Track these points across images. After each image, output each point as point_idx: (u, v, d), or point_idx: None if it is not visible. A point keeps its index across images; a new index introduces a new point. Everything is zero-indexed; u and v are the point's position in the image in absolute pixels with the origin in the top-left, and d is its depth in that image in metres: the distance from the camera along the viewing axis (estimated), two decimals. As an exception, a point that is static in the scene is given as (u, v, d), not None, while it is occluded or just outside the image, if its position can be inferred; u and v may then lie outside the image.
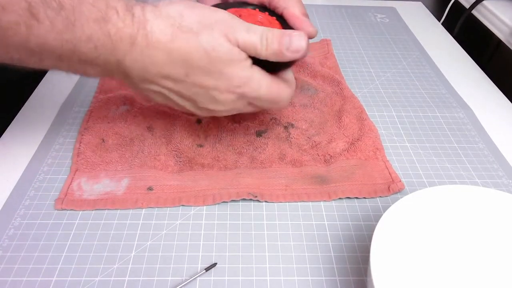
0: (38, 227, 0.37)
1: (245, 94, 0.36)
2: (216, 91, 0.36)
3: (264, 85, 0.36)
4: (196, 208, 0.39)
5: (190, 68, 0.34)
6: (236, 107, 0.38)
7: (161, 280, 0.33)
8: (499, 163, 0.46)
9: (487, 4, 0.69)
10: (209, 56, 0.34)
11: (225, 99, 0.36)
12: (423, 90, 0.57)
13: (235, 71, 0.35)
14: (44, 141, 0.45)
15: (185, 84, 0.35)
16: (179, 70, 0.34)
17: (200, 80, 0.35)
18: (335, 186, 0.41)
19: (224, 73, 0.35)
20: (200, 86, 0.35)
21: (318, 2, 0.81)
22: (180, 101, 0.37)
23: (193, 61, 0.34)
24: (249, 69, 0.36)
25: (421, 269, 0.32)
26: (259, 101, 0.37)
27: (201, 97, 0.36)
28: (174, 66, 0.34)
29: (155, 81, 0.35)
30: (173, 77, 0.35)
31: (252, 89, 0.36)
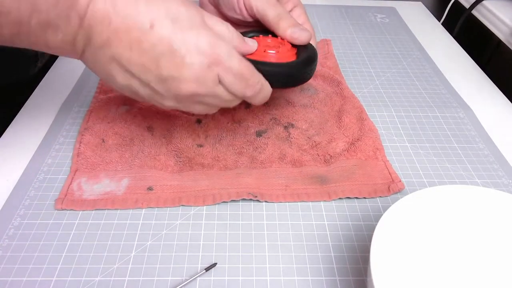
0: (38, 227, 0.37)
1: (216, 58, 0.33)
2: (184, 49, 0.32)
3: (235, 56, 0.34)
4: (196, 208, 0.39)
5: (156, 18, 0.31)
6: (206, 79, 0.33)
7: (161, 280, 0.33)
8: (499, 163, 0.46)
9: (487, 4, 0.69)
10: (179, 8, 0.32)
11: (193, 62, 0.32)
12: (423, 90, 0.57)
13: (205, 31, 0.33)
14: (44, 141, 0.45)
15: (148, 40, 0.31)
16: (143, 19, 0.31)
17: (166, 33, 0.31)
18: (335, 186, 0.41)
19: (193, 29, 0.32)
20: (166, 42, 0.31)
21: (318, 2, 0.81)
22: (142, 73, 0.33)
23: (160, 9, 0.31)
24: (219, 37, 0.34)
25: (421, 269, 0.32)
26: (229, 73, 0.34)
27: (166, 59, 0.32)
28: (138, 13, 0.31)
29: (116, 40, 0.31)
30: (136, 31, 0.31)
31: (223, 54, 0.33)
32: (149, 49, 0.32)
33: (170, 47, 0.32)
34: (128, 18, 0.31)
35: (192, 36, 0.32)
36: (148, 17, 0.31)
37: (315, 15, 0.75)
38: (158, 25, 0.31)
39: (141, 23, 0.31)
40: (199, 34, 0.32)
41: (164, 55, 0.32)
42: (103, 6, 0.30)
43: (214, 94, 0.35)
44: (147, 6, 0.31)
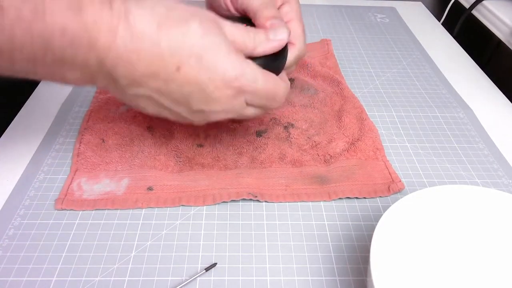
0: (38, 227, 0.37)
1: (242, 87, 0.33)
2: (211, 86, 0.32)
3: (260, 77, 0.34)
4: (196, 208, 0.39)
5: (181, 59, 0.31)
6: (234, 107, 0.35)
7: (161, 280, 0.33)
8: (499, 163, 0.46)
9: (487, 4, 0.69)
10: (202, 40, 0.31)
11: (221, 96, 0.33)
12: (423, 90, 0.57)
13: (230, 59, 0.33)
14: (44, 141, 0.45)
15: (176, 82, 0.32)
16: (169, 65, 0.31)
17: (192, 74, 0.32)
18: (335, 186, 0.41)
19: (219, 62, 0.32)
20: (194, 81, 0.32)
21: (318, 2, 0.81)
22: (173, 105, 0.34)
23: (184, 50, 0.31)
24: (243, 59, 0.34)
25: (421, 269, 0.32)
26: (256, 96, 0.35)
27: (195, 96, 0.33)
28: (163, 60, 0.31)
29: (143, 83, 0.32)
30: (163, 75, 0.31)
31: (248, 81, 0.33)
32: (178, 88, 0.32)
33: (198, 86, 0.32)
34: (154, 64, 0.31)
35: (218, 71, 0.32)
36: (173, 61, 0.31)
37: (315, 15, 0.75)
38: (184, 67, 0.31)
39: (167, 67, 0.31)
40: (225, 67, 0.32)
41: (193, 93, 0.33)
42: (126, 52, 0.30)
43: (242, 114, 0.36)
44: (170, 49, 0.30)
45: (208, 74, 0.32)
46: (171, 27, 0.31)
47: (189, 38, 0.31)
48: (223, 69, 0.32)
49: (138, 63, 0.30)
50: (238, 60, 0.33)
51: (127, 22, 0.29)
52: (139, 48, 0.30)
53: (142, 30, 0.30)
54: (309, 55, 0.61)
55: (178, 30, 0.31)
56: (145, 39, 0.30)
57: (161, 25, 0.30)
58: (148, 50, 0.30)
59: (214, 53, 0.32)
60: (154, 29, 0.30)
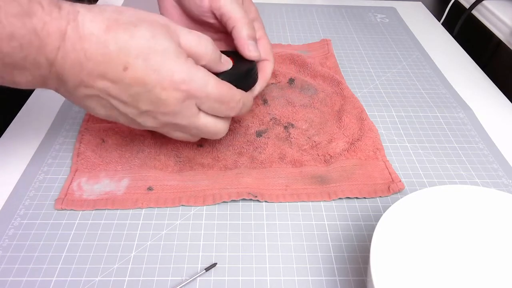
0: (38, 227, 0.37)
1: (191, 91, 0.33)
2: (159, 88, 0.32)
3: (212, 82, 0.34)
4: (196, 208, 0.39)
5: (128, 60, 0.31)
6: (184, 111, 0.34)
7: (161, 280, 0.33)
8: (499, 163, 0.46)
9: (487, 4, 0.69)
10: (149, 42, 0.31)
11: (168, 97, 0.33)
12: (423, 90, 0.57)
13: (179, 63, 0.33)
14: (44, 141, 0.45)
15: (124, 83, 0.32)
16: (116, 65, 0.31)
17: (139, 74, 0.32)
18: (335, 186, 0.41)
19: (166, 64, 0.32)
20: (141, 82, 0.32)
21: (318, 2, 0.81)
22: (121, 106, 0.33)
23: (131, 50, 0.31)
24: (194, 65, 0.34)
25: (421, 269, 0.32)
26: (208, 100, 0.34)
27: (143, 96, 0.33)
28: (110, 59, 0.31)
29: (91, 83, 0.32)
30: (111, 75, 0.31)
31: (198, 85, 0.33)
32: (125, 89, 0.32)
33: (145, 86, 0.32)
34: (101, 64, 0.31)
35: (165, 72, 0.32)
36: (120, 61, 0.31)
37: (315, 15, 0.75)
38: (131, 67, 0.31)
39: (115, 67, 0.31)
40: (173, 70, 0.32)
41: (140, 94, 0.33)
42: (74, 53, 0.30)
43: (196, 126, 0.36)
44: (118, 50, 0.31)
45: (155, 75, 0.32)
46: (119, 29, 0.31)
47: (136, 40, 0.31)
48: (171, 71, 0.32)
49: (86, 62, 0.31)
50: (187, 65, 0.33)
51: (76, 23, 0.30)
52: (87, 48, 0.30)
53: (90, 31, 0.30)
54: (309, 55, 0.61)
55: (125, 32, 0.31)
56: (92, 39, 0.30)
57: (110, 27, 0.31)
58: (96, 50, 0.30)
59: (162, 55, 0.32)
60: (102, 31, 0.30)
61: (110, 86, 0.32)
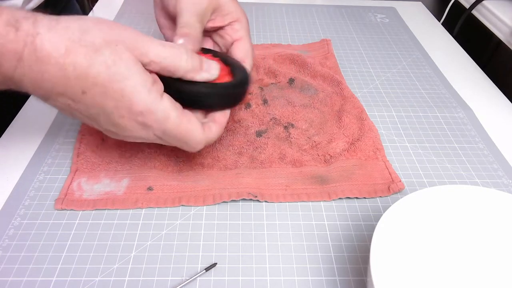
0: (38, 227, 0.37)
1: (148, 124, 0.33)
2: (116, 115, 0.32)
3: (172, 117, 0.33)
4: (196, 208, 0.39)
5: (86, 85, 0.31)
6: (143, 136, 0.34)
7: (161, 280, 0.33)
8: (499, 163, 0.46)
9: (487, 4, 0.69)
10: (108, 71, 0.30)
11: (127, 124, 0.33)
12: (423, 90, 0.57)
13: (139, 94, 0.31)
14: (44, 141, 0.45)
15: (83, 103, 0.32)
16: (74, 88, 0.31)
17: (98, 100, 0.31)
18: (335, 186, 0.41)
19: (125, 94, 0.31)
20: (99, 106, 0.32)
21: (318, 2, 0.81)
22: (85, 119, 0.34)
23: (89, 78, 0.30)
24: (156, 95, 0.32)
25: (421, 269, 0.32)
26: (165, 136, 0.34)
27: (102, 118, 0.33)
28: (68, 83, 0.30)
29: (52, 98, 0.32)
30: (69, 95, 0.31)
31: (157, 120, 0.32)
32: (85, 109, 0.32)
33: (103, 111, 0.32)
34: (60, 85, 0.31)
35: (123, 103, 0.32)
36: (78, 85, 0.31)
37: (315, 15, 0.75)
38: (89, 92, 0.31)
39: (73, 89, 0.31)
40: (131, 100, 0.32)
41: (99, 115, 0.32)
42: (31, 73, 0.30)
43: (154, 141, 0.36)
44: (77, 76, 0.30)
45: (113, 103, 0.32)
46: (79, 54, 0.30)
47: (95, 68, 0.30)
48: (129, 102, 0.32)
49: (43, 83, 0.30)
50: (149, 96, 0.32)
51: (33, 46, 0.29)
52: (44, 70, 0.30)
53: (48, 54, 0.29)
54: (309, 55, 0.61)
55: (85, 58, 0.30)
56: (50, 62, 0.30)
57: (70, 50, 0.30)
58: (53, 73, 0.30)
59: (121, 85, 0.31)
60: (61, 53, 0.30)
61: (71, 103, 0.32)
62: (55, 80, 0.30)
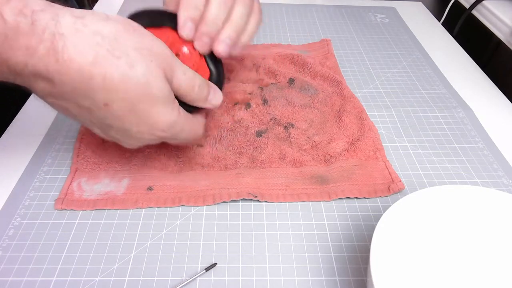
0: (38, 227, 0.37)
1: (165, 138, 0.35)
2: (135, 129, 0.32)
3: (186, 130, 0.36)
4: (196, 208, 0.39)
5: (112, 99, 0.29)
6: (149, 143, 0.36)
7: (161, 280, 0.33)
8: (499, 163, 0.46)
9: (487, 4, 0.69)
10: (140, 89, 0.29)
11: (142, 137, 0.34)
12: (423, 90, 0.57)
13: (163, 113, 0.32)
14: (44, 141, 0.45)
15: (100, 113, 0.30)
16: (97, 98, 0.29)
17: (119, 114, 0.30)
18: (335, 186, 0.41)
19: (151, 115, 0.31)
20: (119, 120, 0.31)
21: (318, 2, 0.81)
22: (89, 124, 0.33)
23: (119, 92, 0.29)
24: (177, 112, 0.34)
25: (421, 269, 0.32)
26: (174, 140, 0.37)
27: (115, 128, 0.32)
28: (91, 93, 0.28)
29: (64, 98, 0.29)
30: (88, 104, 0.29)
31: (174, 133, 0.35)
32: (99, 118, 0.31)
33: (122, 125, 0.32)
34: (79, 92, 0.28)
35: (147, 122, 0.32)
36: (103, 97, 0.29)
37: (315, 15, 0.75)
38: (113, 106, 0.30)
39: (95, 100, 0.29)
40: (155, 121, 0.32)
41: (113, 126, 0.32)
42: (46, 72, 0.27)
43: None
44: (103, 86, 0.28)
45: (136, 120, 0.31)
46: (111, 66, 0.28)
47: (128, 84, 0.29)
48: (154, 121, 0.32)
49: (61, 85, 0.28)
50: (171, 114, 0.33)
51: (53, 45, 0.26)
52: (64, 73, 0.27)
53: (72, 59, 0.27)
54: (309, 55, 0.61)
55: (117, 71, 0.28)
56: (74, 67, 0.27)
57: (98, 59, 0.27)
58: (76, 79, 0.27)
59: (149, 105, 0.31)
60: (89, 61, 0.27)
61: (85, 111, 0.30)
62: (76, 85, 0.28)
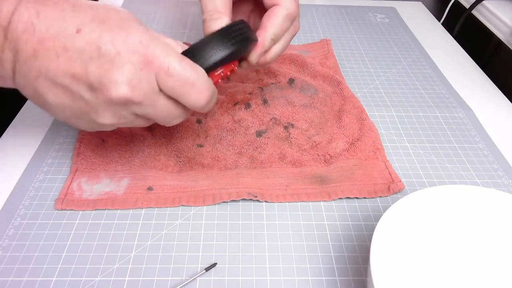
0: (38, 227, 0.37)
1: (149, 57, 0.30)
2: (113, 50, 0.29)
3: (175, 54, 0.31)
4: (196, 208, 0.39)
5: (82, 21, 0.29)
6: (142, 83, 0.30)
7: (161, 280, 0.33)
8: (499, 163, 0.46)
9: (487, 4, 0.69)
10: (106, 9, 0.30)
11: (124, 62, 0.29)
12: (423, 90, 0.57)
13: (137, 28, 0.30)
14: (44, 141, 0.45)
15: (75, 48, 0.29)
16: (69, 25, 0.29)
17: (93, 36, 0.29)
18: (335, 186, 0.41)
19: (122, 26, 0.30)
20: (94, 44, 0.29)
21: (318, 2, 0.81)
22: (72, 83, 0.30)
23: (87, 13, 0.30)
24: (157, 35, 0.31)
25: (421, 269, 0.32)
26: (170, 77, 0.30)
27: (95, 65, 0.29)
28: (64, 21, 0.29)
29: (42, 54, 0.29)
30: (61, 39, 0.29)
31: (160, 49, 0.30)
32: (77, 55, 0.29)
33: (98, 50, 0.29)
34: (53, 26, 0.29)
35: (122, 34, 0.29)
36: (74, 22, 0.29)
37: (315, 15, 0.75)
38: (85, 29, 0.29)
39: (67, 29, 0.29)
40: (130, 32, 0.30)
41: (93, 60, 0.29)
42: (27, 15, 0.28)
43: (153, 104, 0.31)
44: (73, 12, 0.29)
45: (110, 37, 0.29)
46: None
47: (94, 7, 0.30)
48: (126, 33, 0.30)
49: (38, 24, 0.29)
50: (148, 32, 0.31)
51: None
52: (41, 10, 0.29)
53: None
54: (309, 55, 0.61)
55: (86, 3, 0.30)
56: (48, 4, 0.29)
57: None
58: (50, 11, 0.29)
59: (118, 19, 0.30)
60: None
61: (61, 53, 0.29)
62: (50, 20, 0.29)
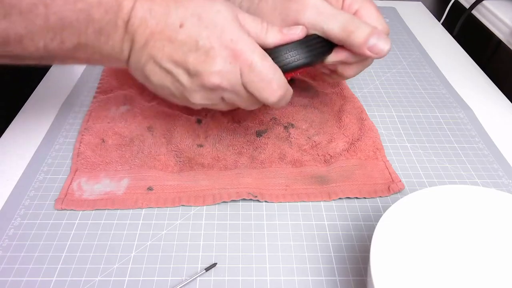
0: (38, 227, 0.37)
1: (237, 52, 0.34)
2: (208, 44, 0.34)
3: (258, 51, 0.35)
4: (196, 208, 0.39)
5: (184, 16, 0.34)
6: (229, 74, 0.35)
7: (161, 280, 0.33)
8: (499, 163, 0.46)
9: (487, 4, 0.69)
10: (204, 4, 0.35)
11: (216, 55, 0.34)
12: (423, 90, 0.57)
13: (229, 24, 0.34)
14: (44, 141, 0.45)
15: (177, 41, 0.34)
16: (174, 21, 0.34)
17: (193, 30, 0.34)
18: (335, 186, 0.41)
19: (217, 22, 0.34)
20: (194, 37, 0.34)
21: (318, 2, 0.81)
22: (174, 68, 0.35)
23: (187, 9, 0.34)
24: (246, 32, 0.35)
25: (421, 269, 0.32)
26: (252, 72, 0.34)
27: (193, 56, 0.34)
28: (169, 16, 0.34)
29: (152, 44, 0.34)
30: (167, 32, 0.34)
31: (247, 47, 0.34)
32: (179, 47, 0.34)
33: (197, 44, 0.34)
34: (161, 21, 0.34)
35: (217, 31, 0.34)
36: (178, 18, 0.34)
37: (315, 15, 0.75)
38: (187, 23, 0.34)
39: (172, 24, 0.34)
40: (223, 29, 0.34)
41: (191, 51, 0.34)
42: (142, 12, 0.34)
43: (237, 92, 0.36)
44: (176, 8, 0.34)
45: (206, 32, 0.34)
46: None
47: (194, 2, 0.35)
48: (221, 29, 0.34)
49: (150, 20, 0.34)
50: (239, 29, 0.35)
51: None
52: (152, 7, 0.34)
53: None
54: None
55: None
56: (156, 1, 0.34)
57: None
58: (158, 8, 0.34)
59: (214, 15, 0.34)
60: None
61: (166, 44, 0.34)
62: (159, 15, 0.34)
